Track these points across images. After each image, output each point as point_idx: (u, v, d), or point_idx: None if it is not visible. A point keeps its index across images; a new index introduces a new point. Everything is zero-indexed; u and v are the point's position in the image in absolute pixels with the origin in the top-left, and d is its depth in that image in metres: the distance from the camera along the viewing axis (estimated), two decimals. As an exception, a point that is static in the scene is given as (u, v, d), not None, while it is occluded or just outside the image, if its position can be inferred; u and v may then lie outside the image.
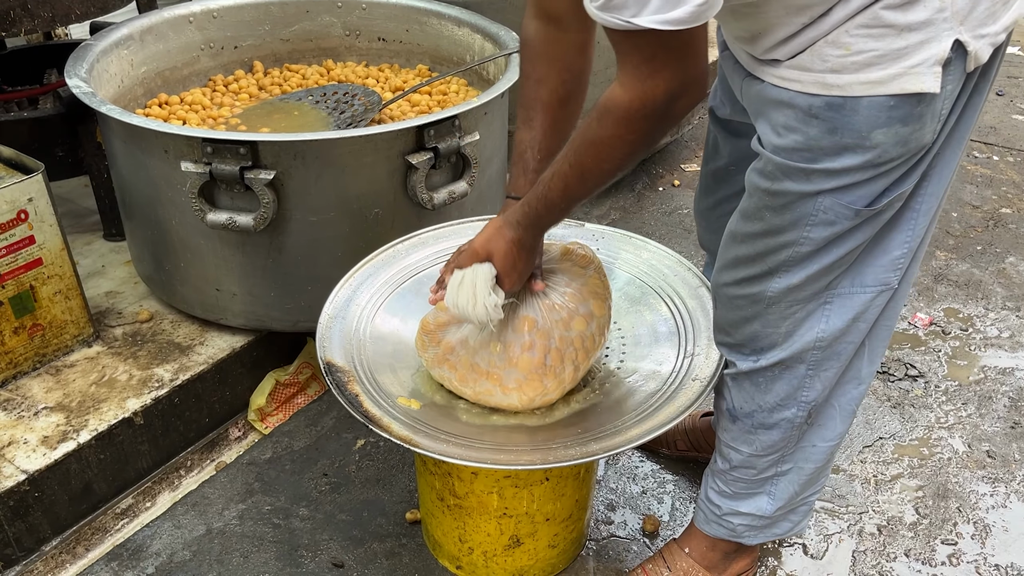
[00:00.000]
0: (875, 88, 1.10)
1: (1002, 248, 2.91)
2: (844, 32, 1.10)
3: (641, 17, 1.00)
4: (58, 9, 2.12)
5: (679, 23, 1.00)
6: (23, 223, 1.81)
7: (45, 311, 1.92)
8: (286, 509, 1.88)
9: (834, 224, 1.22)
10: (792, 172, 1.19)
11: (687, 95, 1.11)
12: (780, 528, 1.64)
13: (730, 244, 1.35)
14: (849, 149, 1.15)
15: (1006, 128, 3.78)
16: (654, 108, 1.11)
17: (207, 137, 1.76)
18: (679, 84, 1.09)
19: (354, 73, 2.51)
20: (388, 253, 1.68)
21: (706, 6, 1.00)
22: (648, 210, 3.13)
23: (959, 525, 1.89)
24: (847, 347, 1.38)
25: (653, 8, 0.99)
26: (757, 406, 1.45)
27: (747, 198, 1.29)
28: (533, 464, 1.28)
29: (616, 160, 1.21)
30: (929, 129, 1.15)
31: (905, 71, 1.09)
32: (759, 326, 1.37)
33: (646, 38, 1.03)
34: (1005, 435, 2.13)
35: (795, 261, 1.27)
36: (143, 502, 1.92)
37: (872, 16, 1.08)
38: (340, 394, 1.36)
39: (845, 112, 1.12)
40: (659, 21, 1.00)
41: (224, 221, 1.83)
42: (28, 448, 1.76)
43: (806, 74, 1.14)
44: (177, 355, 2.03)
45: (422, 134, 1.86)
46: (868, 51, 1.09)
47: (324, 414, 2.14)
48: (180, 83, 2.40)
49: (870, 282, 1.31)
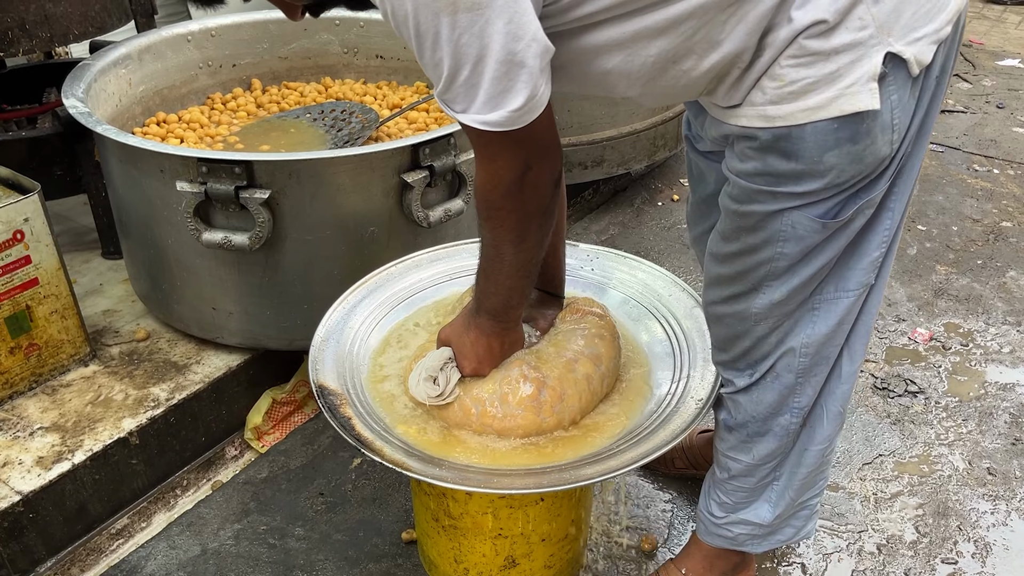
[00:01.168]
0: (816, 114, 1.12)
1: (1003, 262, 2.90)
2: (777, 65, 1.13)
3: (467, 115, 1.10)
4: (56, 29, 2.14)
5: (498, 126, 1.09)
6: (19, 243, 1.81)
7: (41, 331, 1.92)
8: (282, 529, 1.87)
9: (804, 239, 1.24)
10: (758, 194, 1.22)
11: (534, 169, 1.17)
12: (783, 535, 1.64)
13: (712, 264, 1.38)
14: (807, 174, 1.17)
15: (1006, 141, 3.78)
16: (506, 186, 1.18)
17: (202, 157, 1.76)
18: (521, 163, 1.16)
19: (352, 90, 2.52)
20: (382, 275, 1.68)
21: (523, 111, 1.08)
22: (647, 225, 3.12)
23: (959, 543, 1.87)
24: (833, 350, 1.40)
25: (476, 108, 1.08)
26: (751, 416, 1.46)
27: (722, 220, 1.32)
28: (527, 488, 1.28)
29: (509, 237, 1.25)
30: (883, 142, 1.16)
31: (841, 92, 1.11)
32: (749, 342, 1.39)
33: (478, 130, 1.11)
34: (1006, 452, 2.12)
35: (775, 276, 1.30)
36: (138, 522, 1.92)
37: (798, 47, 1.10)
38: (332, 417, 1.35)
39: (793, 140, 1.15)
40: (479, 122, 1.09)
41: (220, 240, 1.83)
42: (23, 469, 1.76)
43: (751, 108, 1.17)
44: (173, 374, 2.03)
45: (417, 153, 1.86)
46: (801, 79, 1.12)
47: (321, 432, 2.13)
48: (178, 101, 2.41)
49: (852, 286, 1.33)
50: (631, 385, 1.52)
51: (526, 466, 1.35)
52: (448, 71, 1.06)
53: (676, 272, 2.80)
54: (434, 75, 1.09)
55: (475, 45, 1.03)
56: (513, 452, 1.38)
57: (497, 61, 1.04)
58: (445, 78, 1.07)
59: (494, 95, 1.06)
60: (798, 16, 1.09)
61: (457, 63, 1.05)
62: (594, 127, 2.87)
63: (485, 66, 1.04)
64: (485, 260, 1.32)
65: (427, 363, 1.40)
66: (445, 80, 1.08)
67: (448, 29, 1.02)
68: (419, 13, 1.03)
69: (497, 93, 1.06)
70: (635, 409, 1.47)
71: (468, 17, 1.01)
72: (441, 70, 1.07)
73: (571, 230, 3.08)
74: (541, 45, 1.06)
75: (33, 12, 2.07)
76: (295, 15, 1.30)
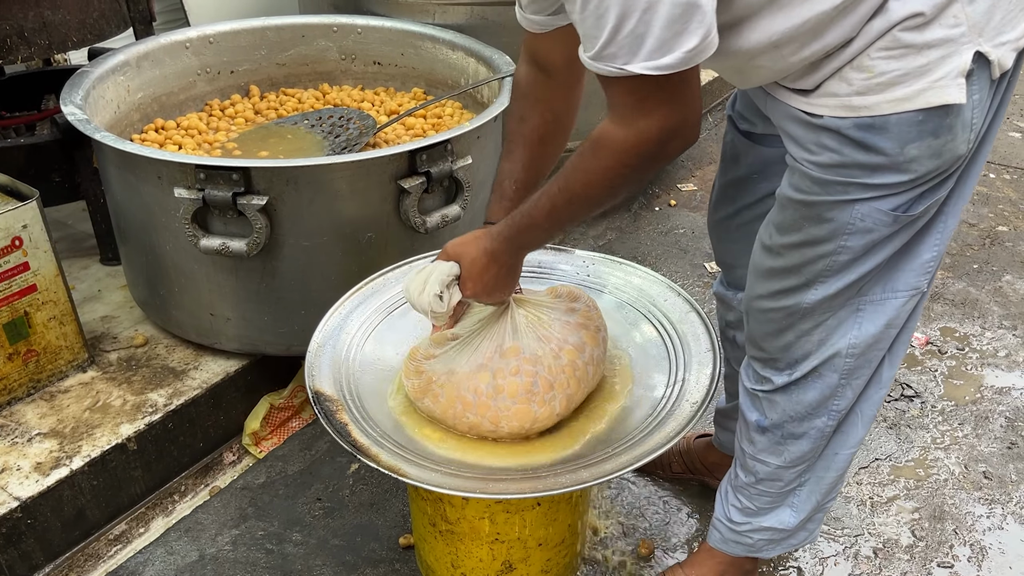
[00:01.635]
0: (902, 104, 1.12)
1: (999, 266, 2.91)
2: (866, 56, 1.12)
3: (633, 64, 1.05)
4: (55, 37, 2.14)
5: (669, 68, 1.04)
6: (17, 250, 1.82)
7: (39, 337, 1.93)
8: (279, 534, 1.88)
9: (872, 232, 1.22)
10: (829, 185, 1.20)
11: (680, 136, 1.14)
12: (797, 539, 1.63)
13: (764, 257, 1.35)
14: (885, 167, 1.16)
15: (1002, 146, 3.79)
16: (647, 147, 1.14)
17: (200, 163, 1.77)
18: (672, 125, 1.13)
19: (350, 97, 2.53)
20: (378, 281, 1.68)
21: (695, 51, 1.04)
22: (644, 230, 3.13)
23: (955, 547, 1.88)
24: (878, 353, 1.38)
25: (644, 55, 1.04)
26: (788, 417, 1.44)
27: (780, 211, 1.29)
28: (523, 493, 1.28)
29: (604, 190, 1.23)
30: (962, 139, 1.16)
31: (930, 85, 1.11)
32: (792, 337, 1.37)
33: (638, 83, 1.07)
34: (1002, 455, 2.12)
35: (833, 271, 1.28)
36: (136, 528, 1.92)
37: (892, 39, 1.10)
38: (328, 423, 1.36)
39: (876, 131, 1.14)
40: (650, 67, 1.04)
41: (217, 246, 1.84)
42: (21, 475, 1.76)
43: (832, 99, 1.16)
44: (171, 380, 2.03)
45: (414, 159, 1.87)
46: (891, 71, 1.11)
47: (318, 438, 2.14)
48: (176, 108, 2.42)
49: (902, 287, 1.31)
50: (619, 375, 1.54)
51: (520, 464, 1.36)
52: (615, 21, 1.02)
53: (673, 277, 2.81)
54: (594, 28, 1.05)
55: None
56: (508, 448, 1.40)
57: (672, 3, 1.00)
58: (610, 29, 1.03)
59: (667, 38, 1.02)
60: (896, 7, 1.09)
61: (626, 11, 1.00)
62: (591, 131, 2.87)
63: (656, 11, 1.00)
64: (545, 197, 1.26)
65: (436, 275, 1.33)
66: (609, 32, 1.03)
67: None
68: None
69: (672, 35, 1.02)
70: (619, 396, 1.49)
71: None
72: (605, 21, 1.02)
73: (568, 235, 3.09)
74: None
75: (32, 20, 2.08)
76: None
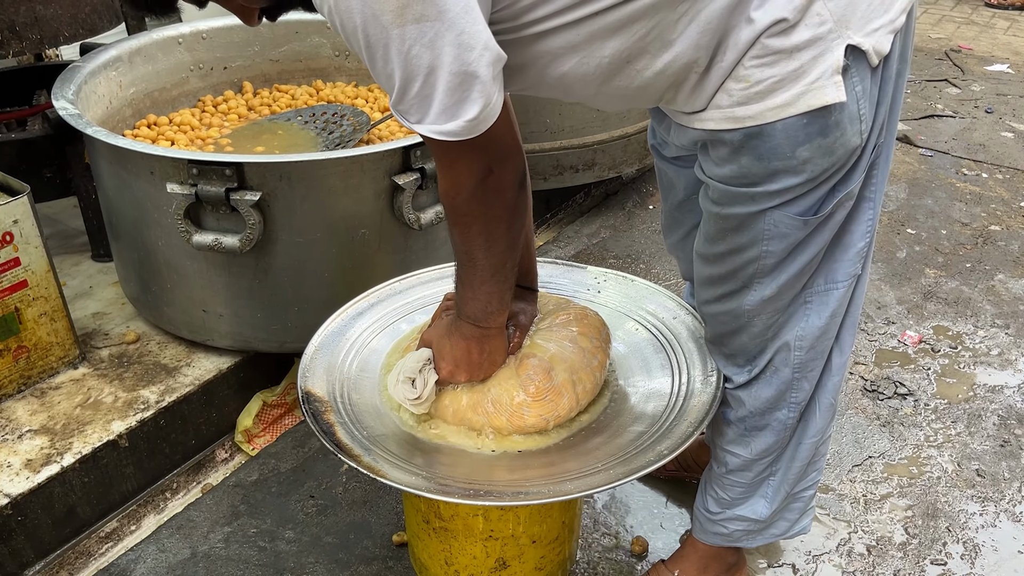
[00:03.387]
0: (784, 111, 1.14)
1: (991, 265, 2.92)
2: (741, 67, 1.14)
3: (422, 126, 1.09)
4: (47, 31, 2.13)
5: (454, 135, 1.08)
6: (8, 245, 1.80)
7: (30, 333, 1.91)
8: (272, 532, 1.87)
9: (788, 236, 1.25)
10: (738, 196, 1.23)
11: (496, 172, 1.17)
12: (777, 528, 1.66)
13: (701, 265, 1.39)
14: (782, 171, 1.19)
15: (995, 145, 3.80)
16: (468, 191, 1.17)
17: (193, 159, 1.76)
18: (481, 167, 1.15)
19: (343, 93, 2.52)
20: (385, 290, 1.68)
21: (478, 120, 1.07)
22: (638, 228, 3.13)
23: (949, 545, 1.88)
24: (827, 343, 1.42)
25: (431, 119, 1.07)
26: (750, 411, 1.48)
27: (705, 222, 1.33)
28: (505, 501, 1.29)
29: (478, 242, 1.25)
30: (852, 132, 1.17)
31: (807, 88, 1.12)
32: (745, 338, 1.40)
33: (435, 140, 1.10)
34: (995, 453, 2.13)
35: (764, 273, 1.31)
36: (127, 525, 1.91)
37: (761, 47, 1.12)
38: (315, 423, 1.36)
39: (764, 139, 1.16)
40: (436, 132, 1.08)
41: (210, 242, 1.83)
42: (11, 472, 1.75)
43: (718, 111, 1.18)
44: (163, 376, 2.02)
45: (408, 155, 1.86)
46: (767, 79, 1.13)
47: (311, 435, 2.13)
48: (169, 104, 2.41)
49: (841, 277, 1.35)
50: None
51: (516, 449, 1.38)
52: (400, 83, 1.05)
53: (666, 276, 2.81)
54: (387, 86, 1.08)
55: (426, 57, 1.02)
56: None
57: (450, 73, 1.02)
58: (397, 90, 1.06)
59: (449, 106, 1.05)
60: (758, 16, 1.10)
61: (408, 75, 1.04)
62: (585, 131, 2.87)
63: (437, 78, 1.03)
64: (460, 266, 1.31)
65: (406, 364, 1.39)
66: (397, 92, 1.07)
67: (398, 41, 1.01)
68: (368, 25, 1.01)
69: (451, 104, 1.05)
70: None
71: (417, 29, 1.00)
72: (393, 82, 1.06)
73: (562, 233, 3.09)
74: (493, 54, 1.05)
75: (23, 14, 2.07)
76: (252, 20, 1.23)
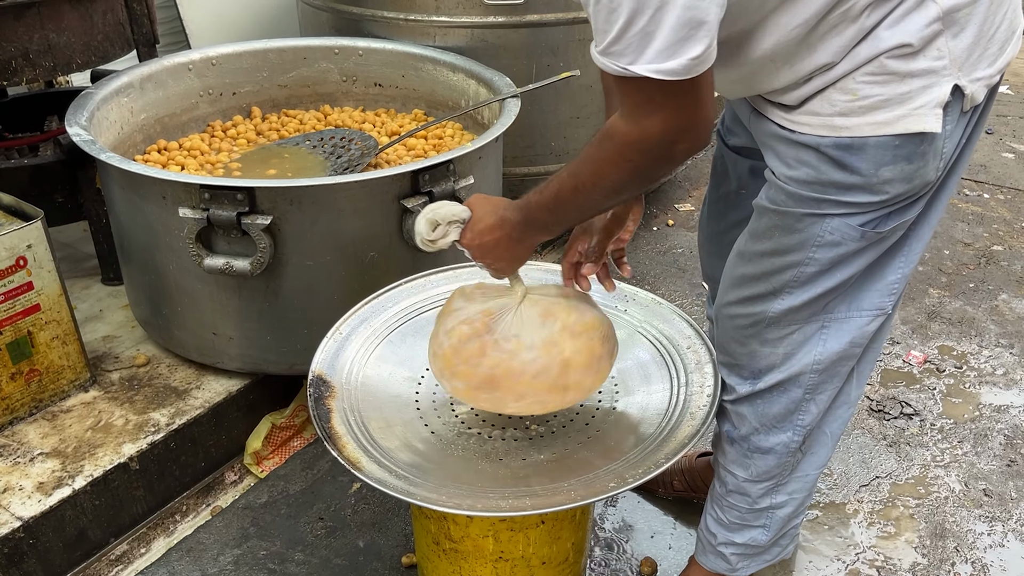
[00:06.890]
0: (881, 128, 1.16)
1: (994, 285, 2.93)
2: (851, 79, 1.16)
3: (637, 65, 1.04)
4: (59, 59, 2.16)
5: (673, 74, 1.03)
6: (21, 269, 1.82)
7: (42, 356, 1.93)
8: (281, 554, 1.87)
9: (839, 245, 1.26)
10: (803, 199, 1.24)
11: (685, 140, 1.12)
12: (771, 554, 1.68)
13: (737, 263, 1.39)
14: (859, 187, 1.20)
15: (996, 166, 3.82)
16: (650, 146, 1.12)
17: (205, 184, 1.78)
18: (676, 128, 1.11)
19: (351, 118, 2.55)
20: (387, 296, 1.69)
21: (700, 60, 1.03)
22: (643, 249, 3.15)
23: (957, 565, 1.88)
24: (843, 370, 1.42)
25: (649, 57, 1.03)
26: (753, 429, 1.48)
27: (756, 219, 1.33)
28: (515, 511, 1.29)
29: (609, 182, 1.20)
30: (932, 166, 1.20)
31: (909, 112, 1.15)
32: (757, 345, 1.40)
33: (643, 83, 1.06)
34: (1001, 473, 2.13)
35: (800, 282, 1.31)
36: (138, 548, 1.91)
37: (879, 65, 1.15)
38: (314, 406, 1.36)
39: (853, 151, 1.18)
40: (654, 71, 1.03)
41: (221, 266, 1.85)
42: (23, 495, 1.76)
43: (815, 118, 1.20)
44: (173, 399, 2.03)
45: (417, 178, 1.88)
46: (874, 96, 1.16)
47: (320, 457, 2.14)
48: (179, 129, 2.44)
49: (866, 306, 1.35)
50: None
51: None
52: (626, 16, 1.01)
53: (671, 296, 2.82)
54: (605, 23, 1.04)
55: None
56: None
57: (682, 7, 0.99)
58: (620, 25, 1.02)
59: (673, 42, 1.02)
60: (886, 36, 1.13)
61: (638, 7, 1.00)
62: (590, 153, 2.89)
63: (666, 13, 1.00)
64: (569, 186, 1.24)
65: (442, 210, 1.33)
66: (619, 28, 1.02)
67: None
68: None
69: (676, 41, 1.01)
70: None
71: None
72: (616, 16, 1.02)
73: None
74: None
75: (37, 42, 2.10)
76: None
